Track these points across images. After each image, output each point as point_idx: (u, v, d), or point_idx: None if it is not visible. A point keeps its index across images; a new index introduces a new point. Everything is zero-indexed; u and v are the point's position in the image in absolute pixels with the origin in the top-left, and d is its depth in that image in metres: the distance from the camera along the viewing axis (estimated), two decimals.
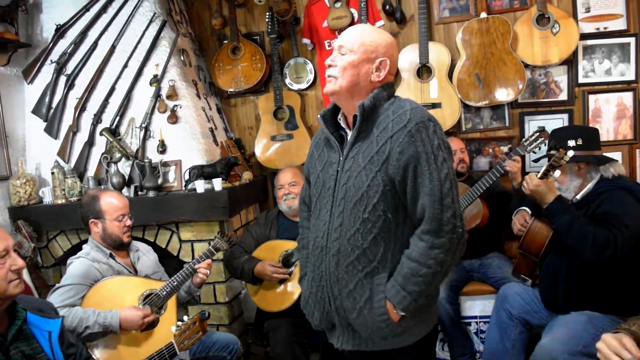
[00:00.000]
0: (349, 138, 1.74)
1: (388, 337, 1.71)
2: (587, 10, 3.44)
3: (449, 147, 1.68)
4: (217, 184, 3.19)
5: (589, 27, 3.44)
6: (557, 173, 2.31)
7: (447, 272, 1.68)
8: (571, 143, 2.40)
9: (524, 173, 3.03)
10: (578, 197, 2.46)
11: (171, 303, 2.52)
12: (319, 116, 1.83)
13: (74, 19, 3.57)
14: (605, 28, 3.43)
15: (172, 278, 2.53)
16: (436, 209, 1.59)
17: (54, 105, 3.58)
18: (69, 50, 3.55)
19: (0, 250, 1.59)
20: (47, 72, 3.60)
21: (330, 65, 1.74)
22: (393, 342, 1.74)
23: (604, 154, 2.51)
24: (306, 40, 3.84)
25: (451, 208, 1.61)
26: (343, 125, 1.81)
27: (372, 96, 1.68)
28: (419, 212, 1.63)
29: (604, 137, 3.43)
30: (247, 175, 3.61)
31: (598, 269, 2.29)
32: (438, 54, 3.48)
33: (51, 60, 3.58)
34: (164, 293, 2.48)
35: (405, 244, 1.69)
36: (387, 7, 3.66)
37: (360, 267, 1.69)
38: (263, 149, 3.85)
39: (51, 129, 3.56)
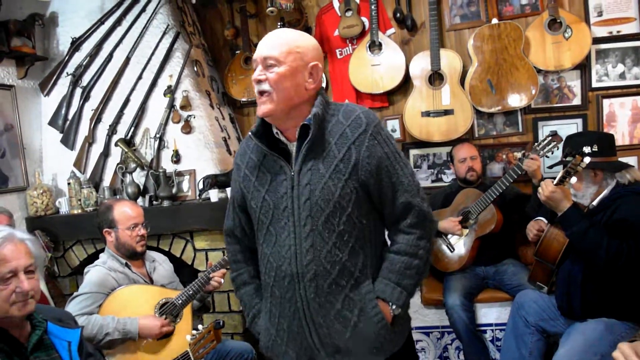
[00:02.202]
0: (296, 150, 1.61)
1: (384, 345, 1.63)
2: (600, 14, 3.42)
3: None
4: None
5: (601, 31, 3.42)
6: (574, 180, 2.30)
7: (424, 278, 1.70)
8: (587, 149, 2.38)
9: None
10: (594, 203, 2.43)
11: (186, 312, 2.53)
12: (250, 134, 1.68)
13: (89, 32, 3.64)
14: (618, 32, 3.40)
15: (188, 287, 2.54)
16: (418, 202, 1.62)
17: (70, 117, 3.64)
18: (84, 63, 3.62)
19: (5, 272, 1.55)
20: (63, 85, 3.67)
21: (259, 81, 1.55)
22: (386, 352, 1.65)
23: (620, 160, 2.49)
24: None
25: (425, 199, 1.66)
26: (282, 138, 1.65)
27: (320, 103, 1.59)
28: (400, 209, 1.63)
29: (619, 141, 3.40)
30: None
31: (615, 276, 2.27)
32: (450, 61, 3.48)
33: (67, 73, 3.64)
34: (180, 302, 2.50)
35: (378, 246, 1.69)
36: (398, 14, 3.67)
37: (344, 283, 1.58)
38: None
39: (67, 140, 3.62)
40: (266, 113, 1.57)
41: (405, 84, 3.68)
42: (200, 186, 3.33)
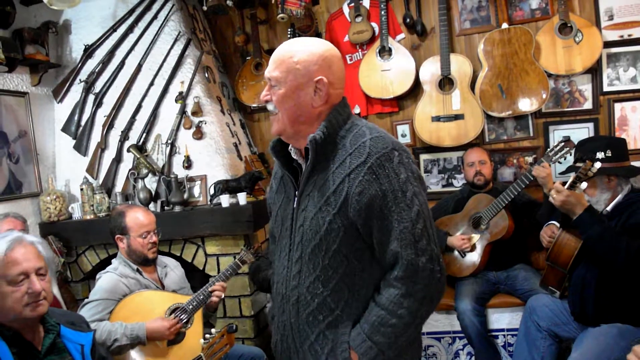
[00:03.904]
0: (303, 171, 1.54)
1: None
2: (611, 18, 3.40)
3: (420, 177, 1.46)
4: (242, 198, 3.22)
5: (612, 35, 3.40)
6: (584, 185, 2.28)
7: (422, 323, 1.48)
8: (600, 155, 2.37)
9: None
10: (608, 208, 2.42)
11: (197, 317, 2.54)
12: (269, 149, 1.65)
13: (102, 39, 3.68)
14: (629, 35, 3.38)
15: (198, 292, 2.55)
16: (409, 255, 1.39)
17: (82, 123, 3.67)
18: (97, 70, 3.65)
19: (14, 274, 1.57)
20: (76, 91, 3.71)
21: (266, 101, 1.52)
22: None
23: (633, 164, 2.48)
24: None
25: (427, 251, 1.40)
26: (295, 156, 1.59)
27: (324, 126, 1.46)
28: (390, 258, 1.43)
29: (631, 145, 3.38)
30: None
31: (629, 281, 2.25)
32: (460, 66, 3.48)
33: (80, 80, 3.68)
34: (190, 307, 2.51)
35: (372, 288, 1.50)
36: (408, 20, 3.67)
37: (321, 317, 1.50)
38: None
39: (80, 147, 3.66)
40: (275, 132, 1.56)
41: (416, 89, 3.68)
42: (212, 191, 3.35)
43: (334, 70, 1.49)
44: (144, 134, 3.55)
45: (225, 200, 3.23)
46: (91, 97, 3.66)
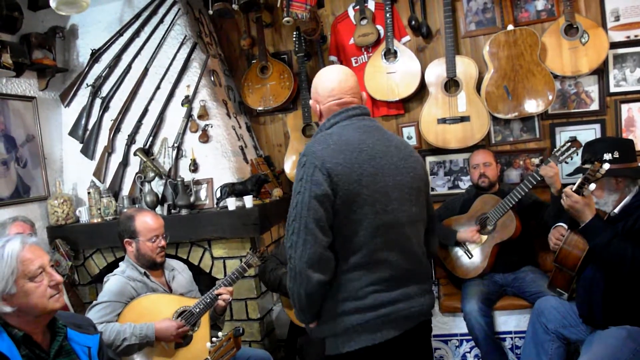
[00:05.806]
0: None
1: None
2: (617, 18, 3.40)
3: (312, 180, 1.69)
4: (248, 201, 3.23)
5: (619, 36, 3.39)
6: (592, 186, 2.26)
7: (296, 301, 1.76)
8: (607, 156, 2.35)
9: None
10: (616, 210, 2.40)
11: (204, 320, 2.54)
12: None
13: (108, 43, 3.70)
14: (635, 36, 3.37)
15: (205, 295, 2.56)
16: (285, 241, 1.75)
17: (89, 127, 3.70)
18: (103, 74, 3.67)
19: (34, 269, 1.61)
20: (83, 96, 3.73)
21: None
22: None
23: None
24: (333, 58, 3.88)
25: (290, 240, 1.72)
26: None
27: (314, 135, 1.92)
28: None
29: (638, 146, 3.34)
30: (277, 192, 3.65)
31: (637, 283, 2.23)
32: (465, 68, 3.47)
33: (87, 84, 3.70)
34: (197, 310, 2.51)
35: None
36: (413, 22, 3.68)
37: None
38: (292, 165, 3.88)
39: (87, 150, 3.68)
40: None
41: (421, 91, 3.68)
42: (218, 195, 3.36)
43: (318, 90, 1.93)
44: (151, 138, 3.56)
45: (231, 203, 3.23)
46: (98, 101, 3.68)
